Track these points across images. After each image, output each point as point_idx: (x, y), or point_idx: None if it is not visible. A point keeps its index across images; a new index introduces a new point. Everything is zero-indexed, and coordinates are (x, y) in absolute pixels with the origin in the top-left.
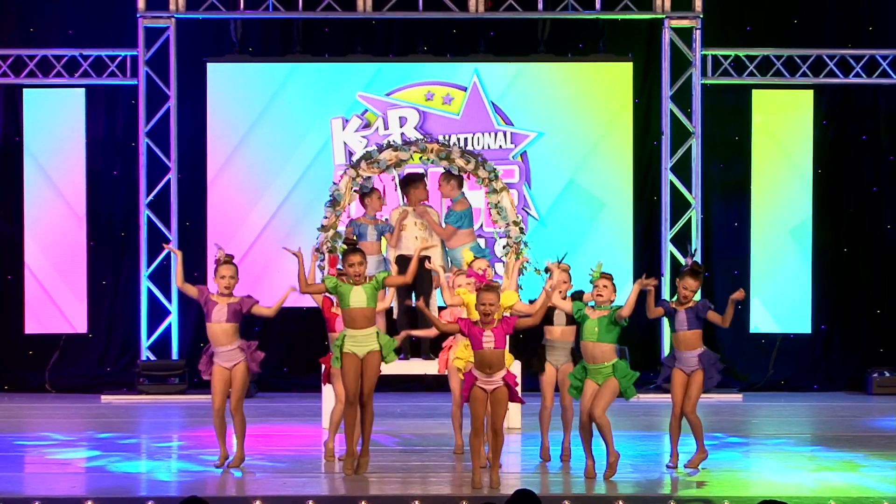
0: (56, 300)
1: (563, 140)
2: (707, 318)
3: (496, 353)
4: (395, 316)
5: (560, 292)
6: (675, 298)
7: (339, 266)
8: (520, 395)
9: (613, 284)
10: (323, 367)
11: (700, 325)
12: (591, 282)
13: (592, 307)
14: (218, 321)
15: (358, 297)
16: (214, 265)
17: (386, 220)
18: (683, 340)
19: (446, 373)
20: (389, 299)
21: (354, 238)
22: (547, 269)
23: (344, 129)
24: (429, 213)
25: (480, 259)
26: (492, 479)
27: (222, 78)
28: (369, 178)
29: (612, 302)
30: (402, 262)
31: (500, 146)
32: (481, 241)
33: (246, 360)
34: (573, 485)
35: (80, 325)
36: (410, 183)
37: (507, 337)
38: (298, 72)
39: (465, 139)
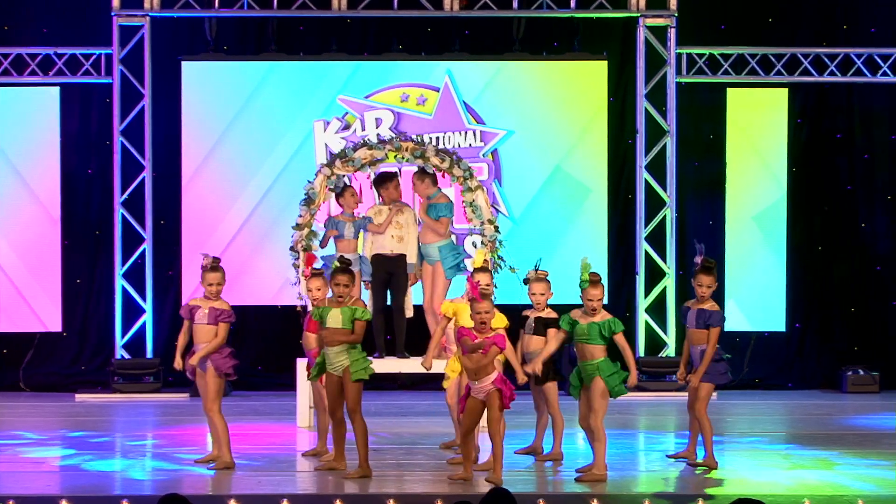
0: (30, 299)
1: (538, 139)
2: (707, 330)
3: (482, 358)
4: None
5: (538, 304)
6: (694, 298)
7: (316, 265)
8: (508, 401)
9: (602, 288)
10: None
11: (706, 328)
12: (580, 286)
13: (583, 313)
14: (200, 322)
15: (335, 319)
16: (201, 271)
17: (363, 216)
18: (690, 337)
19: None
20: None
21: (349, 260)
22: (525, 282)
23: (325, 130)
24: (420, 210)
25: (486, 273)
26: (495, 481)
27: (197, 76)
28: (342, 176)
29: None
30: (379, 261)
31: (470, 144)
32: (453, 238)
33: (213, 364)
34: (547, 484)
35: (54, 323)
36: (383, 182)
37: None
38: (275, 71)
39: (437, 138)
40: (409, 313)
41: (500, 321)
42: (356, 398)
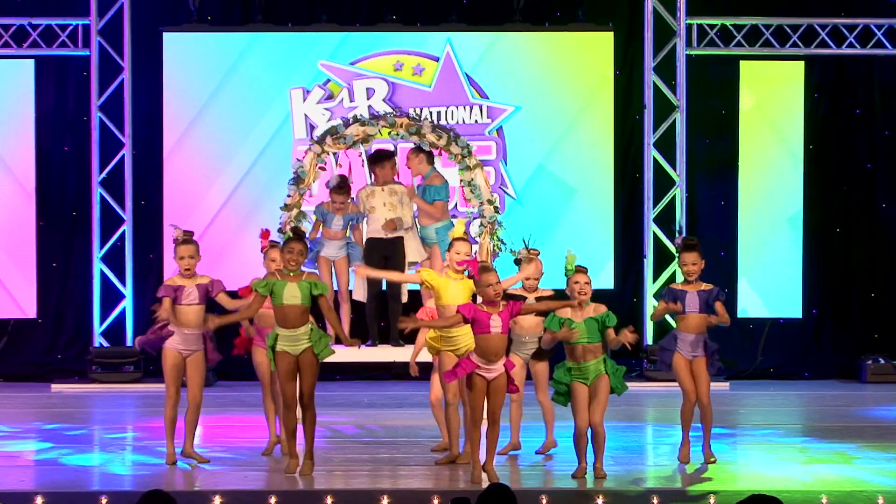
0: (3, 283)
1: (540, 114)
2: (715, 307)
3: (502, 338)
4: (364, 298)
5: (529, 286)
6: (681, 280)
7: (271, 239)
8: (516, 383)
9: (589, 277)
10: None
11: (709, 311)
12: (566, 275)
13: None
14: (189, 303)
15: (291, 294)
16: (173, 245)
17: (354, 202)
18: (693, 324)
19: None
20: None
21: (303, 230)
22: (517, 262)
23: (305, 100)
24: (415, 194)
25: (464, 242)
26: (489, 472)
27: (179, 49)
28: (341, 177)
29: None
30: (372, 245)
31: (476, 121)
32: (453, 220)
33: (205, 351)
34: (549, 479)
35: (28, 309)
36: (379, 161)
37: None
38: (258, 42)
39: (438, 113)
40: (404, 298)
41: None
42: (314, 382)
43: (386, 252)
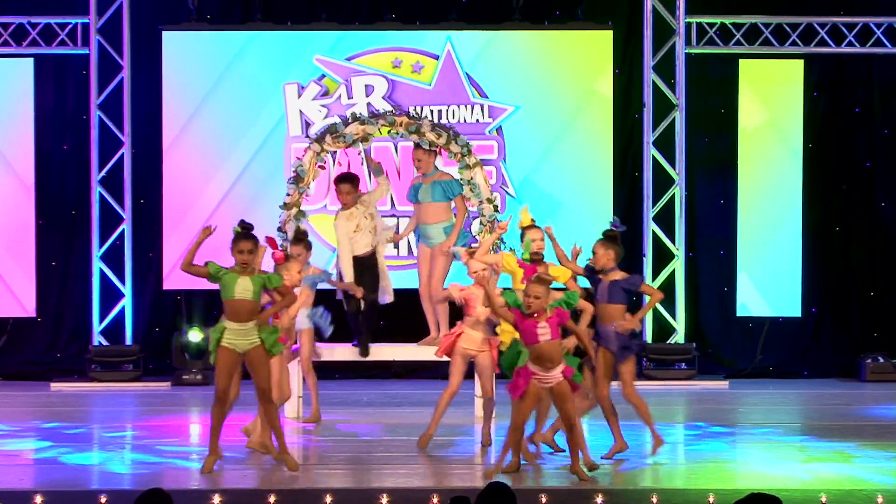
0: (3, 282)
1: (539, 113)
2: (641, 290)
3: (553, 344)
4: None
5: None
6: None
7: (281, 246)
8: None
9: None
10: None
11: (625, 301)
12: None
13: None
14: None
15: (244, 287)
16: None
17: (322, 271)
18: (605, 314)
19: (444, 358)
20: (297, 307)
21: (249, 225)
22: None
23: (300, 96)
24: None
25: (536, 229)
26: (581, 471)
27: (179, 48)
28: (302, 233)
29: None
30: (357, 262)
31: (477, 120)
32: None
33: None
34: (550, 477)
35: (28, 308)
36: (343, 182)
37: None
38: (256, 39)
39: (439, 111)
40: (390, 298)
41: (562, 272)
42: (269, 376)
43: (366, 266)
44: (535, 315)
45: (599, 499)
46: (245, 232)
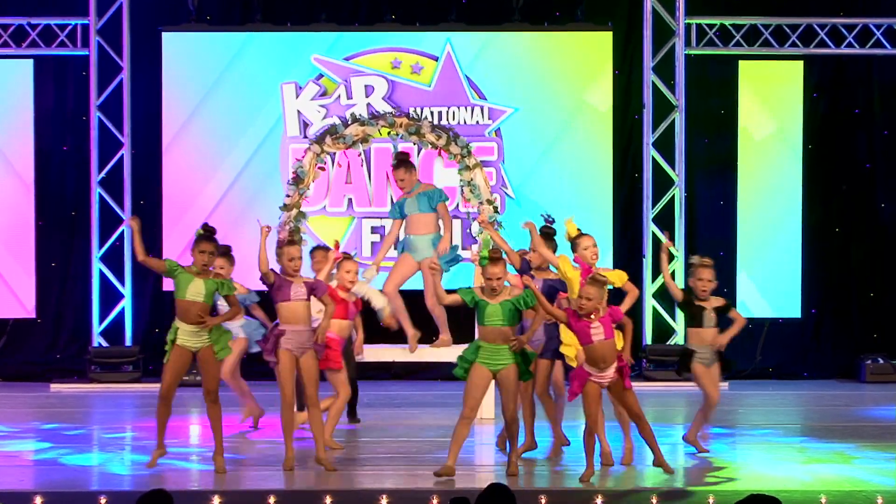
0: (3, 283)
1: (539, 113)
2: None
3: (607, 344)
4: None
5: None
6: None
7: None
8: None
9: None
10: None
11: (551, 301)
12: (480, 263)
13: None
14: (298, 298)
15: (196, 289)
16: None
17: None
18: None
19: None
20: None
21: (212, 228)
22: (689, 265)
23: (298, 96)
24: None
25: (587, 236)
26: (666, 464)
27: (179, 48)
28: (226, 248)
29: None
30: None
31: (477, 122)
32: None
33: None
34: (551, 478)
35: (28, 309)
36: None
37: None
38: (254, 40)
39: (439, 113)
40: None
41: (617, 276)
42: (217, 376)
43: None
44: (590, 315)
45: (599, 500)
46: (207, 234)
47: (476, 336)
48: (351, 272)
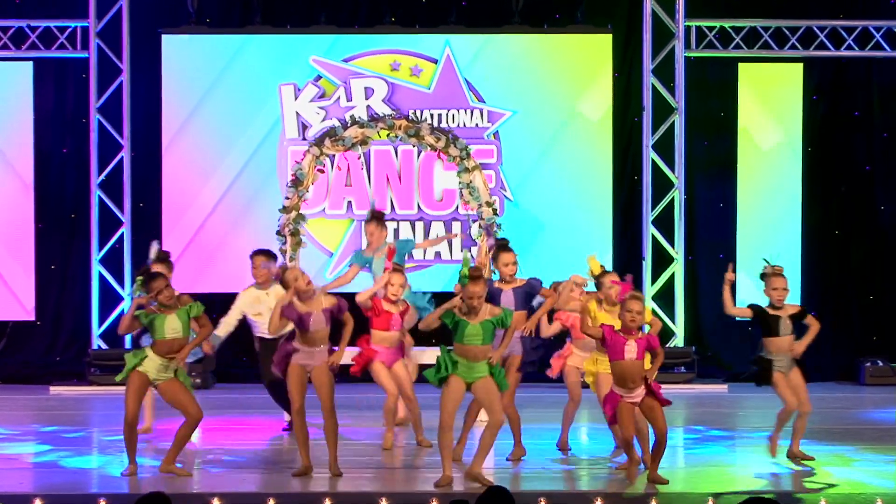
0: (2, 285)
1: (538, 116)
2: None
3: (636, 364)
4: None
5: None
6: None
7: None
8: (664, 396)
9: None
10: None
11: (525, 307)
12: (461, 282)
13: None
14: (317, 329)
15: (173, 328)
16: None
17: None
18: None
19: (558, 375)
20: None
21: (165, 252)
22: (762, 277)
23: (297, 98)
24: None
25: (610, 274)
26: (659, 477)
27: (178, 51)
28: (164, 254)
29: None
30: (267, 345)
31: (477, 124)
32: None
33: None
34: (551, 481)
35: (27, 311)
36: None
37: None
38: (253, 41)
39: (438, 115)
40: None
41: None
42: (187, 394)
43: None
44: (630, 333)
45: (599, 502)
46: (150, 275)
47: (452, 349)
48: (395, 285)
